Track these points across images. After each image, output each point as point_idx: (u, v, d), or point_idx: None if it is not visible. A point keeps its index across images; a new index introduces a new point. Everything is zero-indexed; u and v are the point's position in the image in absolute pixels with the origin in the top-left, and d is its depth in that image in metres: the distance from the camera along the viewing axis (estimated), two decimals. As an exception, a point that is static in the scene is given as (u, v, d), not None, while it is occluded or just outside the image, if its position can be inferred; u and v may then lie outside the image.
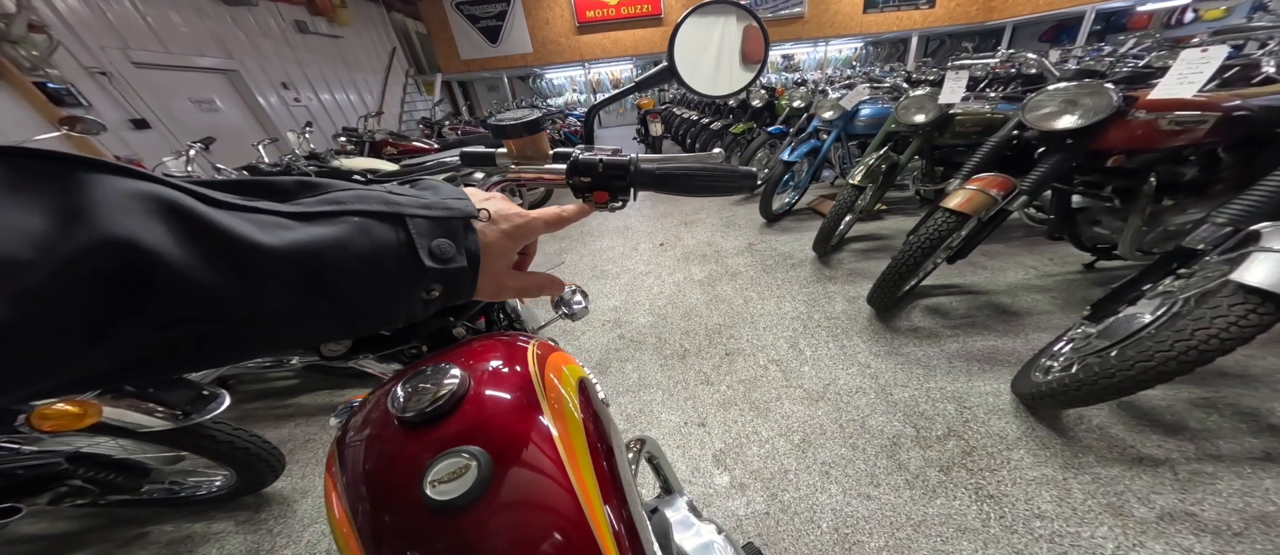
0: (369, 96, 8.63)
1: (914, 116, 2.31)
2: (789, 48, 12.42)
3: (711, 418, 1.51)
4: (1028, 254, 2.40)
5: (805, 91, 3.84)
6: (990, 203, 1.55)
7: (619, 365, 1.82)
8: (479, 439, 0.35)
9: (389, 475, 0.35)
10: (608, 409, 0.54)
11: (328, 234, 0.22)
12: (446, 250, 0.28)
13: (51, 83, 3.91)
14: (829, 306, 2.11)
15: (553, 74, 12.57)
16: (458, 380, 0.38)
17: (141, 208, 0.17)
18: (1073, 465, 1.22)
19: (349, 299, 0.24)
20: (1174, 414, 1.34)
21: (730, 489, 1.25)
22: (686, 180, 0.45)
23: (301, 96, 6.90)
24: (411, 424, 0.36)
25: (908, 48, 11.94)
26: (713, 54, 0.60)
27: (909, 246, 1.69)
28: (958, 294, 2.09)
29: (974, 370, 1.61)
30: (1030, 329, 1.80)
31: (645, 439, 0.84)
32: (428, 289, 0.28)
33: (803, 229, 3.13)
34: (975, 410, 1.43)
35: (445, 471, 0.32)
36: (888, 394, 1.54)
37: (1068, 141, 1.56)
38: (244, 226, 0.19)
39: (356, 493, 0.35)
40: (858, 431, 1.40)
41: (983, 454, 1.29)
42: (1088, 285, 2.07)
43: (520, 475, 0.34)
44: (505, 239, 0.33)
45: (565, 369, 0.48)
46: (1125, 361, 1.09)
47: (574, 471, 0.37)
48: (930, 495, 1.18)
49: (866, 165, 2.33)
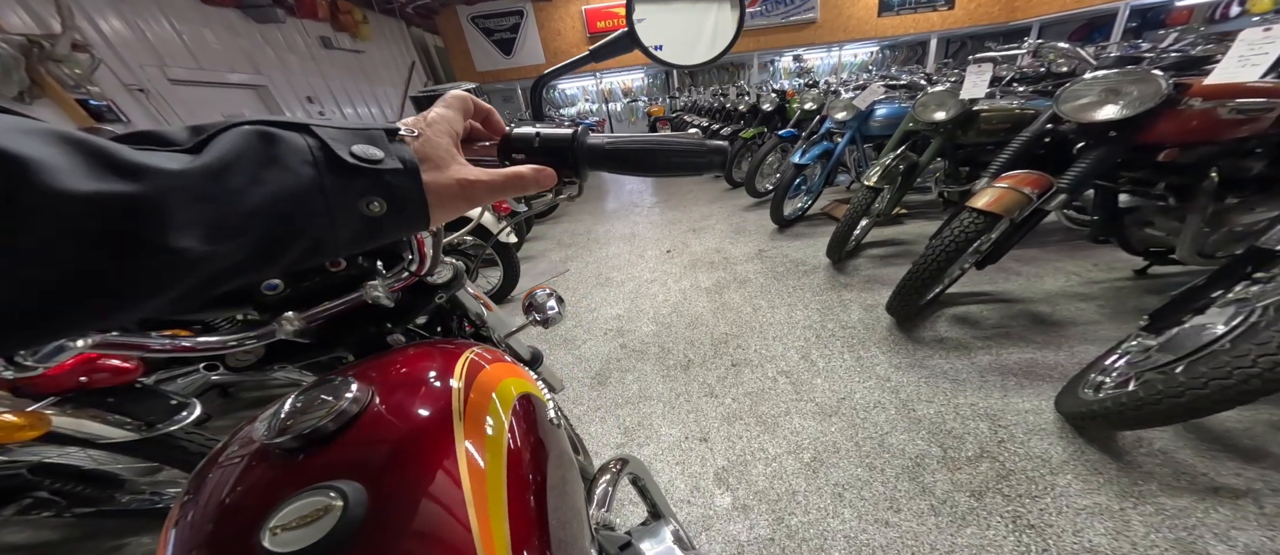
0: (388, 109, 8.87)
1: (934, 114, 2.17)
2: (801, 52, 12.37)
3: (714, 432, 1.40)
4: (1068, 259, 2.22)
5: (817, 93, 3.74)
6: (1024, 202, 1.41)
7: (619, 376, 1.73)
8: (359, 473, 0.28)
9: (230, 519, 0.28)
10: (559, 430, 0.46)
11: (225, 146, 0.21)
12: (372, 153, 0.24)
13: (92, 99, 4.11)
14: (844, 315, 1.98)
15: (565, 84, 12.76)
16: (352, 397, 0.32)
17: (18, 129, 0.16)
18: (1132, 494, 1.07)
19: (261, 211, 0.20)
20: (1253, 437, 1.17)
21: (732, 511, 1.14)
22: (644, 157, 0.37)
23: (325, 110, 7.12)
24: (284, 452, 0.30)
25: (926, 50, 11.71)
26: (680, 18, 0.53)
27: (933, 250, 1.56)
28: (989, 302, 1.93)
29: (1010, 385, 1.45)
30: (1075, 340, 1.62)
31: (627, 459, 0.75)
32: (366, 202, 0.24)
33: (816, 235, 2.99)
34: (1012, 429, 1.28)
35: (295, 515, 0.25)
36: (910, 410, 1.40)
37: (1111, 134, 1.42)
38: (133, 153, 0.18)
39: (186, 535, 0.28)
40: (876, 450, 1.27)
41: (1021, 478, 1.14)
42: (1140, 293, 1.88)
43: (400, 521, 0.27)
44: (433, 134, 0.29)
45: (503, 382, 0.41)
46: (1196, 379, 0.94)
47: (479, 513, 0.29)
48: (960, 523, 1.04)
49: (883, 165, 2.20)
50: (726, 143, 0.39)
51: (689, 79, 12.94)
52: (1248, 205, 1.48)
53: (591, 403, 1.59)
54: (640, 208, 4.49)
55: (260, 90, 6.02)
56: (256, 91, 6.00)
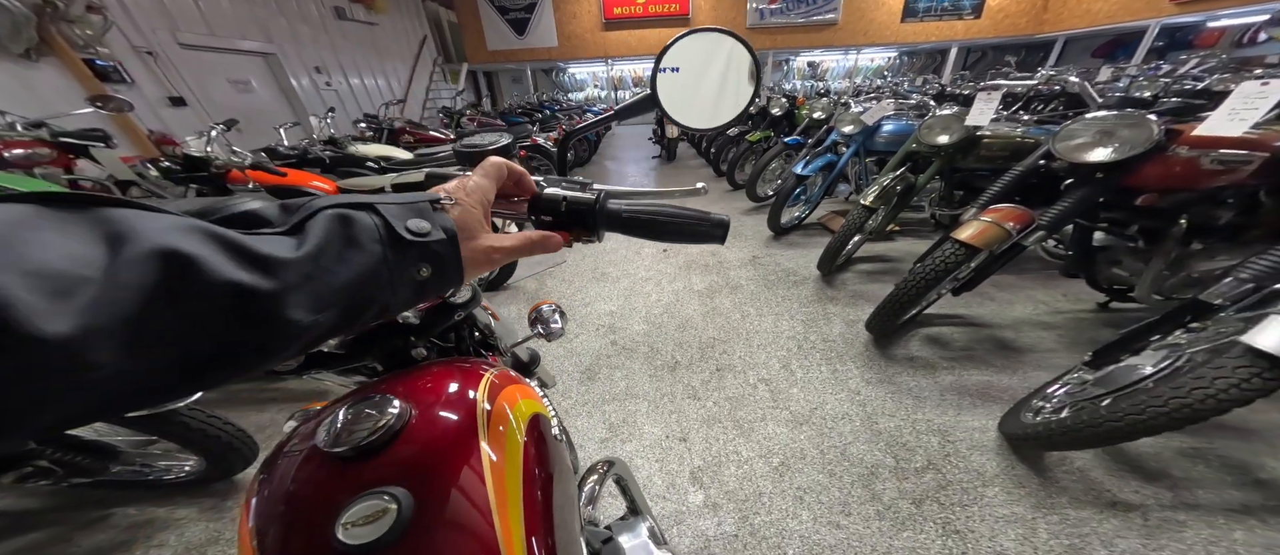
0: (396, 83, 8.83)
1: (937, 137, 2.24)
2: (818, 55, 12.19)
3: (694, 433, 1.51)
4: (1041, 288, 2.33)
5: (827, 103, 3.78)
6: (1004, 237, 1.50)
7: (608, 372, 1.84)
8: (406, 479, 0.34)
9: (305, 514, 0.34)
10: (562, 445, 0.52)
11: (318, 232, 0.25)
12: (423, 227, 0.29)
13: (100, 60, 4.13)
14: (827, 328, 2.09)
15: (576, 69, 12.66)
16: (396, 413, 0.37)
17: (173, 226, 0.19)
18: (1044, 505, 1.22)
19: (351, 289, 0.25)
20: (1160, 461, 1.32)
21: (703, 508, 1.26)
22: (655, 226, 0.43)
23: (333, 81, 7.10)
24: (341, 459, 0.35)
25: (945, 60, 11.49)
26: (698, 83, 0.56)
27: (914, 275, 1.66)
28: (960, 325, 2.05)
29: (965, 405, 1.58)
30: (1030, 367, 1.76)
31: (614, 461, 0.84)
32: (417, 269, 0.29)
33: (810, 244, 3.09)
34: (958, 445, 1.42)
35: (361, 514, 0.31)
36: (873, 422, 1.52)
37: (1098, 175, 1.50)
38: (256, 241, 0.22)
39: (268, 529, 0.35)
40: (838, 459, 1.39)
41: (958, 489, 1.27)
42: (1098, 326, 2.01)
43: (440, 521, 0.33)
44: (474, 210, 0.34)
45: (520, 403, 0.46)
46: (1115, 412, 1.07)
47: (501, 516, 0.36)
48: (899, 527, 1.18)
49: (881, 186, 2.28)
50: (728, 219, 0.44)
51: None
52: (1209, 252, 1.58)
53: (580, 396, 1.70)
54: (597, 241, 4.55)
55: (269, 59, 5.99)
56: (265, 59, 5.97)
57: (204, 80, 5.10)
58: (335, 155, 3.11)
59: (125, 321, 0.17)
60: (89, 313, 0.16)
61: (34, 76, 3.71)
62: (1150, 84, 3.43)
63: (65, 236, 0.17)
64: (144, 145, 4.17)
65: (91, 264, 0.17)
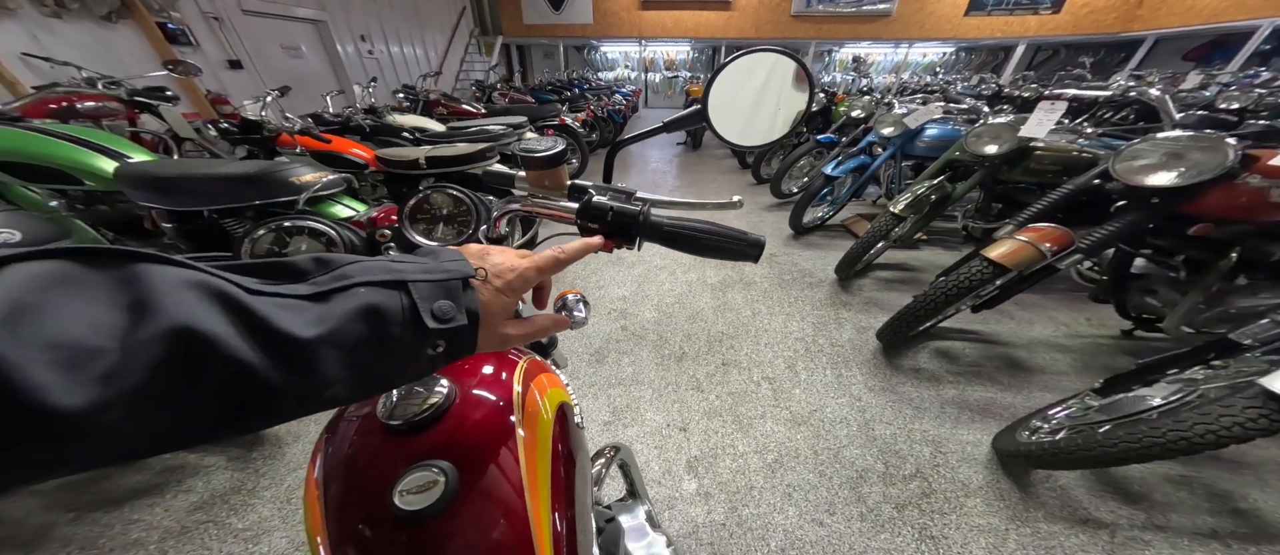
0: (433, 53, 8.97)
1: (985, 147, 2.12)
2: (865, 47, 11.61)
3: (694, 424, 1.58)
4: (1065, 309, 2.28)
5: (868, 101, 3.64)
6: (1037, 258, 1.43)
7: (616, 357, 1.92)
8: (452, 453, 0.38)
9: (365, 477, 0.38)
10: (582, 432, 0.57)
11: (343, 311, 0.25)
12: (447, 311, 0.29)
13: (171, 23, 4.40)
14: (837, 333, 2.11)
15: (608, 47, 12.53)
16: (445, 393, 0.40)
17: (195, 296, 0.20)
18: (1019, 518, 1.26)
19: (364, 366, 0.26)
20: (1144, 485, 1.35)
21: (695, 496, 1.33)
22: (694, 240, 0.44)
23: (375, 49, 7.29)
24: (396, 431, 0.39)
25: (1009, 58, 10.60)
26: (750, 102, 0.56)
27: (935, 289, 1.64)
28: (974, 341, 2.03)
29: (963, 418, 1.60)
30: (1037, 388, 1.75)
31: (620, 447, 0.90)
32: (434, 345, 0.29)
33: (830, 246, 3.07)
34: (949, 456, 1.45)
35: (415, 484, 0.35)
36: (870, 428, 1.56)
37: (1153, 200, 1.43)
38: (276, 312, 0.22)
39: (333, 486, 0.39)
40: (830, 460, 1.44)
41: (940, 497, 1.32)
42: (1116, 353, 1.96)
43: (481, 492, 0.37)
44: (502, 296, 0.34)
45: (549, 391, 0.50)
46: (1111, 439, 1.10)
47: (531, 492, 0.39)
48: (878, 530, 1.23)
49: (915, 194, 2.20)
50: (763, 240, 0.45)
51: None
52: (1253, 288, 1.52)
53: (587, 378, 1.79)
54: (663, 189, 4.57)
55: (320, 26, 6.20)
56: (316, 26, 6.19)
57: (260, 45, 5.35)
58: (374, 124, 3.25)
59: (135, 392, 0.17)
60: (102, 384, 0.17)
61: (112, 37, 3.99)
62: (1242, 95, 3.16)
63: (90, 302, 0.18)
64: (202, 105, 4.44)
65: (111, 334, 0.17)
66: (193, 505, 1.29)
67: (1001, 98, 5.85)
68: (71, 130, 1.87)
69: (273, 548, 1.19)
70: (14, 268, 0.17)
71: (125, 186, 1.63)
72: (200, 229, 1.76)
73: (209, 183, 1.62)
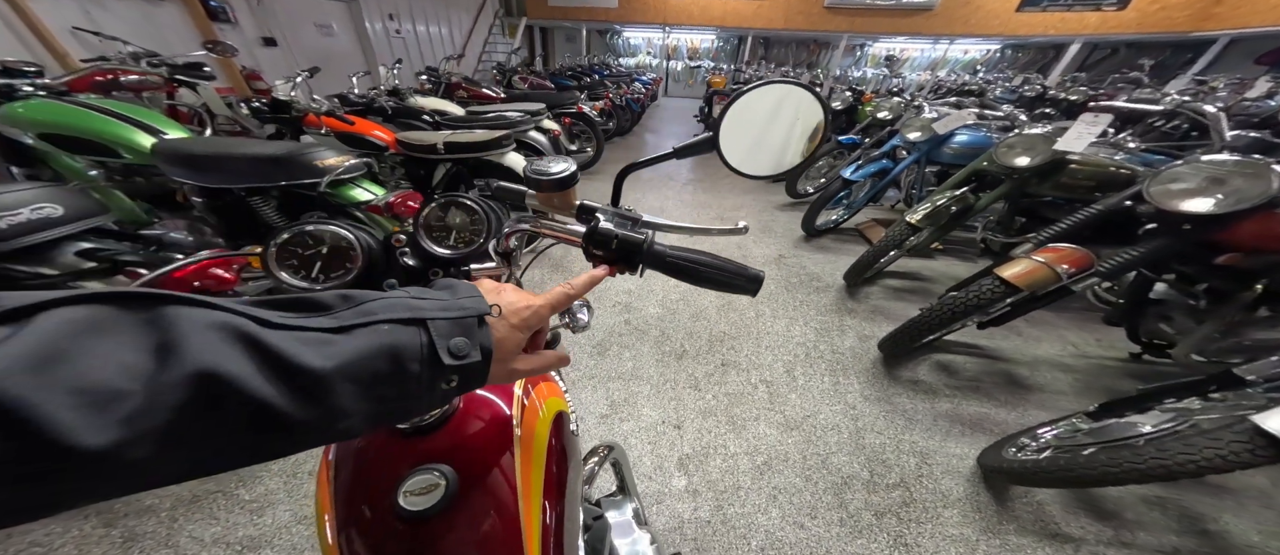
0: (458, 32, 9.01)
1: (1015, 158, 2.03)
2: (901, 43, 11.15)
3: (688, 423, 1.62)
4: (1075, 329, 2.24)
5: (897, 103, 3.53)
6: (1052, 280, 1.40)
7: (618, 351, 1.97)
8: (454, 457, 0.40)
9: (373, 474, 0.41)
10: (576, 438, 0.59)
11: (363, 346, 0.26)
12: (463, 347, 0.30)
13: (212, 1, 4.53)
14: (839, 340, 2.11)
15: (631, 32, 12.36)
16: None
17: (218, 338, 0.21)
18: (991, 530, 1.30)
19: (381, 399, 0.27)
20: (1119, 504, 1.37)
21: (684, 492, 1.38)
22: (694, 272, 0.45)
23: (402, 28, 7.36)
24: (404, 433, 0.41)
25: (1059, 57, 9.77)
26: (761, 133, 0.56)
27: (943, 304, 1.62)
28: (976, 355, 2.02)
29: (954, 433, 1.62)
30: (1033, 406, 1.76)
31: (614, 447, 0.94)
32: (447, 380, 0.30)
33: (841, 250, 3.04)
34: (934, 468, 1.48)
35: (419, 485, 0.38)
36: (860, 437, 1.58)
37: (1185, 226, 1.39)
38: (296, 347, 0.23)
39: (342, 474, 0.42)
40: (818, 466, 1.47)
41: (919, 507, 1.35)
42: (1120, 376, 1.94)
43: (478, 493, 0.40)
44: (514, 331, 0.35)
45: (549, 400, 0.53)
46: (1092, 462, 1.11)
47: (525, 493, 0.42)
48: (856, 535, 1.27)
49: (934, 205, 2.15)
50: (763, 275, 0.46)
51: (763, 50, 12.14)
52: (1273, 321, 1.49)
53: (588, 370, 1.84)
54: (674, 183, 4.56)
55: (351, 4, 6.29)
56: (347, 5, 6.28)
57: (294, 23, 5.47)
58: (396, 107, 3.32)
59: (156, 432, 0.19)
60: (125, 426, 0.18)
61: (157, 12, 4.16)
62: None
63: (119, 346, 0.19)
64: (238, 81, 4.59)
65: (137, 377, 0.18)
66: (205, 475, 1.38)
67: (1045, 100, 5.56)
68: (112, 105, 1.97)
69: (277, 519, 1.25)
70: (52, 313, 0.18)
71: (160, 161, 1.72)
72: (227, 205, 1.85)
73: (238, 162, 1.70)
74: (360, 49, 6.61)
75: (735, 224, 0.55)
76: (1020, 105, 5.43)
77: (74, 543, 1.16)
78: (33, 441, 0.16)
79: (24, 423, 0.16)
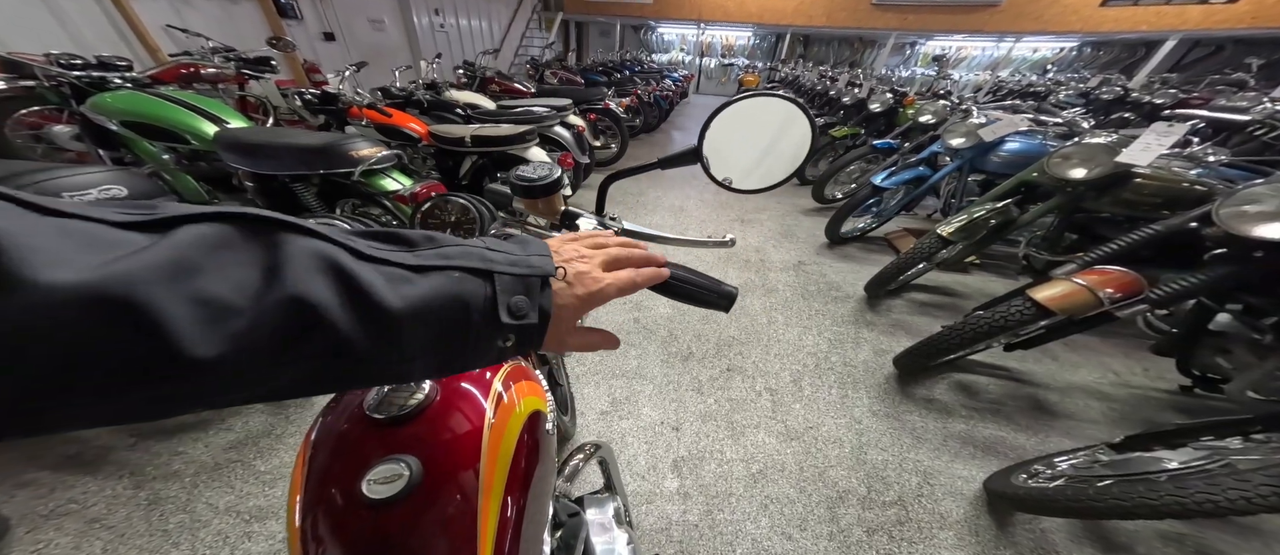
0: (497, 26, 9.27)
1: (1071, 170, 1.87)
2: (959, 41, 10.44)
3: (687, 425, 1.63)
4: (1119, 356, 2.07)
5: (941, 107, 3.35)
6: (1091, 305, 1.30)
7: (624, 348, 2.00)
8: (421, 448, 0.42)
9: (343, 460, 0.43)
10: (550, 436, 0.60)
11: (435, 289, 0.26)
12: (522, 307, 0.30)
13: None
14: (852, 353, 2.06)
15: (666, 28, 12.29)
16: (426, 393, 0.45)
17: (316, 266, 0.22)
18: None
19: (447, 348, 0.28)
20: (1132, 537, 1.30)
21: (675, 495, 1.39)
22: (668, 287, 0.44)
23: (446, 22, 7.65)
24: (376, 422, 0.43)
25: (1149, 55, 8.56)
26: (747, 146, 0.55)
27: (967, 323, 1.54)
28: (1000, 377, 1.91)
29: (963, 454, 1.55)
30: (1057, 434, 1.65)
31: (600, 445, 0.95)
32: (504, 339, 0.30)
33: (865, 260, 2.94)
34: (936, 489, 1.43)
35: (382, 475, 0.39)
36: (863, 453, 1.54)
37: (1257, 254, 1.27)
38: (379, 283, 0.24)
39: (317, 458, 0.44)
40: (814, 478, 1.45)
41: (913, 526, 1.31)
42: (1163, 409, 1.79)
43: (439, 485, 0.42)
44: (577, 301, 0.34)
45: (526, 398, 0.54)
46: (1102, 495, 1.06)
47: (485, 487, 0.43)
48: (843, 550, 1.25)
49: (970, 217, 2.01)
50: (736, 291, 0.44)
51: (801, 47, 11.75)
52: None
53: (591, 365, 1.88)
54: (696, 181, 4.51)
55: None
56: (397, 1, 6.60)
57: (349, 18, 5.82)
58: (432, 100, 3.48)
59: (256, 350, 0.20)
60: (230, 342, 0.19)
61: (236, 10, 4.62)
62: None
63: (238, 263, 0.20)
64: (298, 73, 4.94)
65: (248, 294, 0.19)
66: (229, 443, 1.44)
67: (1125, 103, 5.01)
68: (184, 96, 2.18)
69: (284, 493, 1.30)
70: (188, 228, 0.20)
71: (220, 148, 1.89)
72: (274, 190, 2.02)
73: (285, 151, 1.85)
74: (407, 43, 6.94)
75: (722, 236, 0.55)
76: (1095, 109, 4.99)
77: (106, 501, 1.25)
78: (160, 344, 0.17)
79: (156, 326, 0.17)
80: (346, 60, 5.13)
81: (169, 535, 1.19)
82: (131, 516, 1.23)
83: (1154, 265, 1.49)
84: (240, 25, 4.56)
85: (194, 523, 1.22)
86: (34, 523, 1.19)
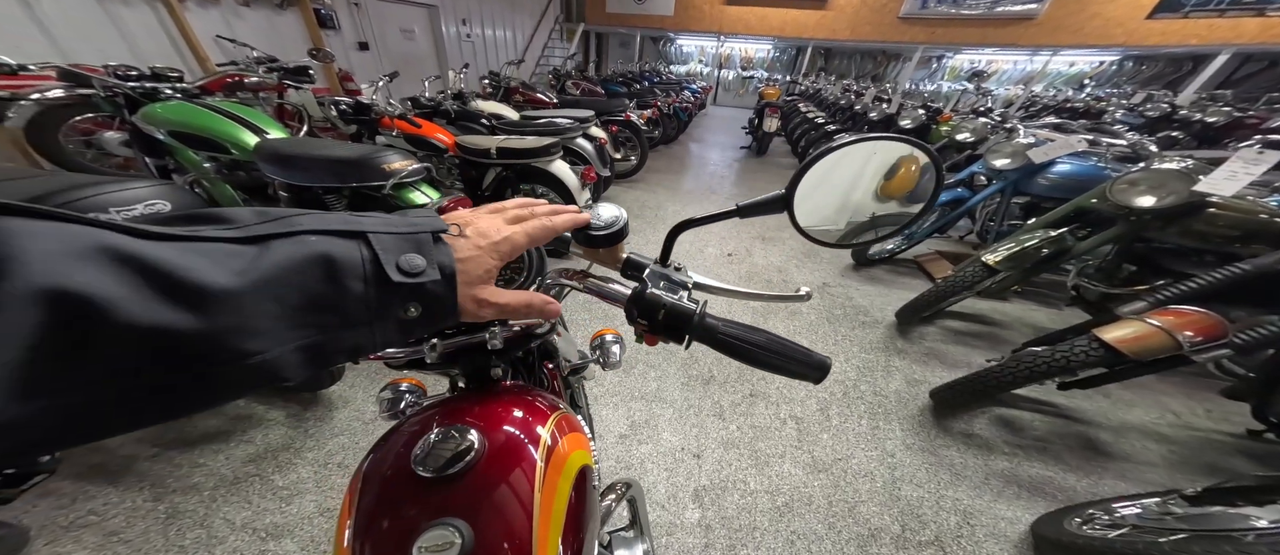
0: (521, 36, 9.50)
1: (1139, 197, 1.71)
2: (989, 54, 10.13)
3: (709, 453, 1.57)
4: (1181, 396, 1.92)
5: (981, 125, 3.20)
6: (1169, 348, 1.19)
7: (644, 369, 1.95)
8: (470, 513, 0.40)
9: (391, 521, 0.41)
10: (595, 491, 0.57)
11: (283, 257, 0.22)
12: (416, 264, 0.26)
13: (323, 9, 5.25)
14: (883, 382, 1.97)
15: (685, 41, 12.36)
16: (474, 447, 0.43)
17: (71, 253, 0.17)
18: None
19: (319, 325, 0.23)
20: None
21: (696, 527, 1.33)
22: (749, 354, 0.39)
23: (473, 33, 7.87)
24: (423, 480, 0.41)
25: (1198, 69, 7.98)
26: (844, 195, 0.48)
27: (1019, 361, 1.44)
28: (1046, 413, 1.80)
29: (1008, 494, 1.46)
30: (1112, 476, 1.53)
31: (631, 483, 0.91)
32: (404, 309, 0.26)
33: (895, 283, 2.83)
34: (977, 530, 1.34)
35: (433, 542, 0.37)
36: (896, 488, 1.46)
37: None
38: (190, 260, 0.19)
39: (362, 524, 0.42)
40: (844, 514, 1.38)
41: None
42: (1230, 454, 1.65)
43: (492, 551, 0.40)
44: (484, 254, 0.31)
45: (574, 453, 0.51)
46: (1177, 549, 0.97)
47: (540, 551, 0.41)
48: None
49: (1021, 245, 1.87)
50: (829, 362, 0.39)
51: (822, 61, 11.63)
52: None
53: (611, 385, 1.84)
54: (717, 195, 4.48)
55: (431, 10, 6.84)
56: (428, 11, 6.83)
57: (383, 29, 6.05)
58: (459, 110, 3.54)
59: (6, 368, 0.15)
60: None
61: (279, 21, 4.85)
62: None
63: None
64: (334, 82, 5.14)
65: None
66: (248, 457, 1.43)
67: (1173, 122, 4.72)
68: (228, 106, 2.26)
69: (302, 510, 1.30)
70: None
71: (259, 159, 1.94)
72: (308, 200, 2.06)
73: (320, 163, 1.89)
74: (435, 53, 7.18)
75: (796, 290, 0.51)
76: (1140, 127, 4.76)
77: (125, 514, 1.25)
78: None
79: None
80: (379, 69, 5.33)
81: (185, 551, 1.19)
82: (149, 531, 1.23)
83: (1225, 302, 1.37)
84: (283, 35, 4.78)
85: (210, 539, 1.22)
86: (54, 534, 1.20)
